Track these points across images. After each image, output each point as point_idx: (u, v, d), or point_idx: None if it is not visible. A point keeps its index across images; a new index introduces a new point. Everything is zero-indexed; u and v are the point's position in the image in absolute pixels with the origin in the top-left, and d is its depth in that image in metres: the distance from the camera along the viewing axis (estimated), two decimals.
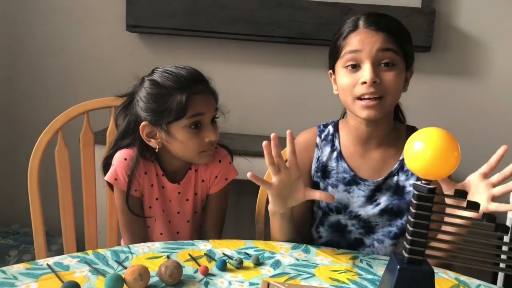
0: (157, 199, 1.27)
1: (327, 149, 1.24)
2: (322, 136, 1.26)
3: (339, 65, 1.14)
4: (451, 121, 2.29)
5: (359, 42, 1.09)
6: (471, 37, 2.32)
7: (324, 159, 1.23)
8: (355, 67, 1.10)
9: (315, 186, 1.25)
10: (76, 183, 1.46)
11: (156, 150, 1.22)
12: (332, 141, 1.24)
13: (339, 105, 1.33)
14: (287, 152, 1.09)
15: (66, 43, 2.36)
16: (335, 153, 1.23)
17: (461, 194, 0.79)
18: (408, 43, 1.14)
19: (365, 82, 1.07)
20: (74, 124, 1.44)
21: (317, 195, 1.09)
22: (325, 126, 1.28)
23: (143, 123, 1.19)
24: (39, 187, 1.36)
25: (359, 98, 1.10)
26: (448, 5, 2.30)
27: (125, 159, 1.22)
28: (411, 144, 0.78)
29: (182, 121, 1.15)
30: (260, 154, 1.78)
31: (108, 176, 1.23)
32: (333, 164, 1.22)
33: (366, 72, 1.07)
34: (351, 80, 1.10)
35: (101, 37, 2.35)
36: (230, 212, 2.21)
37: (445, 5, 2.29)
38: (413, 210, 0.79)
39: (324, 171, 1.23)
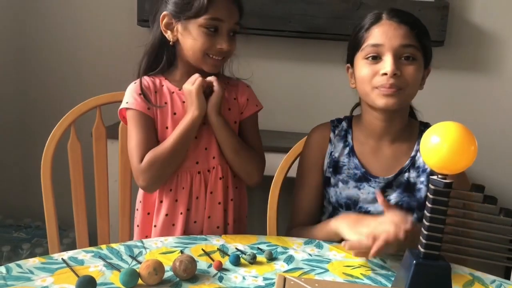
0: (175, 113, 1.22)
1: (340, 145, 1.24)
2: (336, 132, 1.26)
3: (359, 56, 1.16)
4: (465, 117, 2.26)
5: (382, 34, 1.11)
6: (485, 31, 2.29)
7: (337, 154, 1.24)
8: (376, 58, 1.12)
9: (326, 181, 1.25)
10: (89, 177, 1.46)
11: (171, 43, 1.22)
12: (345, 137, 1.25)
13: (352, 99, 1.32)
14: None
15: (78, 38, 2.36)
16: (347, 149, 1.23)
17: (478, 188, 0.79)
18: (427, 39, 1.15)
19: (385, 74, 1.09)
20: (86, 118, 1.44)
21: None
22: (339, 121, 1.29)
23: (164, 12, 1.20)
24: (52, 181, 1.37)
25: (378, 88, 1.12)
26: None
27: (134, 83, 1.24)
28: (427, 138, 0.78)
29: (200, 20, 1.15)
30: (271, 150, 1.79)
31: (121, 107, 1.24)
32: (344, 160, 1.23)
33: (387, 64, 1.09)
34: (371, 71, 1.12)
35: (113, 32, 2.35)
36: None
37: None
38: (429, 205, 0.79)
39: (336, 166, 1.23)
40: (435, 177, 0.79)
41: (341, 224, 1.08)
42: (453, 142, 0.75)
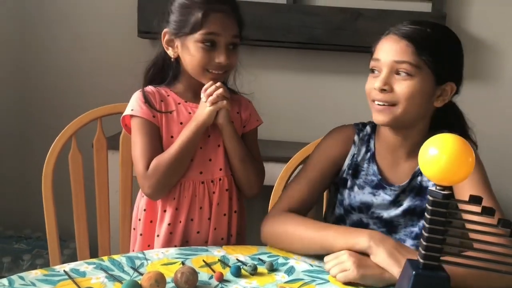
0: (181, 123, 1.22)
1: (363, 149, 1.23)
2: (361, 135, 1.25)
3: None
4: None
5: (381, 49, 1.12)
6: (482, 41, 2.31)
7: (359, 158, 1.23)
8: (376, 71, 1.13)
9: (343, 182, 1.24)
10: (90, 188, 1.47)
11: (172, 59, 1.24)
12: (368, 141, 1.24)
13: (351, 109, 1.33)
14: None
15: (79, 49, 2.38)
16: (368, 154, 1.22)
17: (476, 199, 0.79)
18: (438, 55, 1.09)
19: (375, 88, 1.10)
20: (87, 129, 1.45)
21: None
22: (364, 125, 1.27)
23: (165, 30, 1.22)
24: (53, 192, 1.38)
25: (373, 101, 1.13)
26: (459, 10, 2.29)
27: (140, 91, 1.24)
28: (425, 150, 0.79)
29: (196, 35, 1.16)
30: (271, 159, 1.80)
31: (125, 113, 1.23)
32: (364, 165, 1.22)
33: (377, 79, 1.10)
34: (370, 84, 1.14)
35: (113, 43, 2.37)
36: None
37: (455, 10, 2.29)
38: (428, 216, 0.80)
39: (356, 170, 1.23)
40: (433, 188, 0.80)
41: (380, 251, 0.98)
42: (451, 154, 0.76)
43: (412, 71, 1.08)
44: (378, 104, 1.11)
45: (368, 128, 1.25)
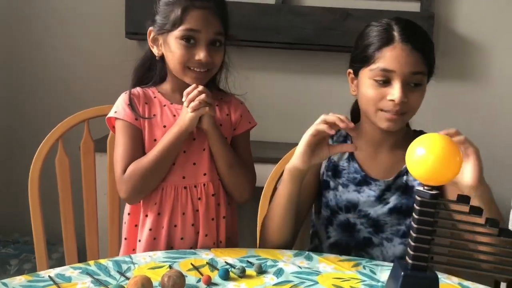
0: (164, 126, 1.21)
1: None
2: (334, 138, 1.26)
3: (366, 73, 1.14)
4: (451, 126, 2.28)
5: (394, 60, 1.09)
6: (470, 41, 2.32)
7: (335, 158, 1.24)
8: (384, 81, 1.11)
9: (325, 184, 1.25)
10: (77, 191, 1.45)
11: (157, 57, 1.23)
12: (344, 142, 1.25)
13: (339, 109, 1.32)
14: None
15: (66, 51, 2.36)
16: (346, 154, 1.24)
17: (464, 199, 0.79)
18: (433, 60, 1.15)
19: (392, 100, 1.09)
20: (74, 132, 1.44)
21: (338, 149, 1.12)
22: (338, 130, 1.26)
23: (150, 28, 1.22)
24: (40, 196, 1.36)
25: (383, 111, 1.12)
26: (447, 10, 2.30)
27: (125, 93, 1.24)
28: (413, 150, 0.79)
29: (176, 32, 1.15)
30: (260, 160, 1.79)
31: (109, 115, 1.23)
32: (344, 164, 1.24)
33: (396, 91, 1.09)
34: (377, 94, 1.11)
35: (101, 44, 2.35)
36: None
37: (444, 10, 2.30)
38: (416, 216, 0.79)
39: (335, 170, 1.24)
40: (421, 188, 0.80)
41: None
42: (438, 154, 0.76)
43: (423, 80, 1.12)
44: (389, 113, 1.11)
45: (342, 131, 1.25)
